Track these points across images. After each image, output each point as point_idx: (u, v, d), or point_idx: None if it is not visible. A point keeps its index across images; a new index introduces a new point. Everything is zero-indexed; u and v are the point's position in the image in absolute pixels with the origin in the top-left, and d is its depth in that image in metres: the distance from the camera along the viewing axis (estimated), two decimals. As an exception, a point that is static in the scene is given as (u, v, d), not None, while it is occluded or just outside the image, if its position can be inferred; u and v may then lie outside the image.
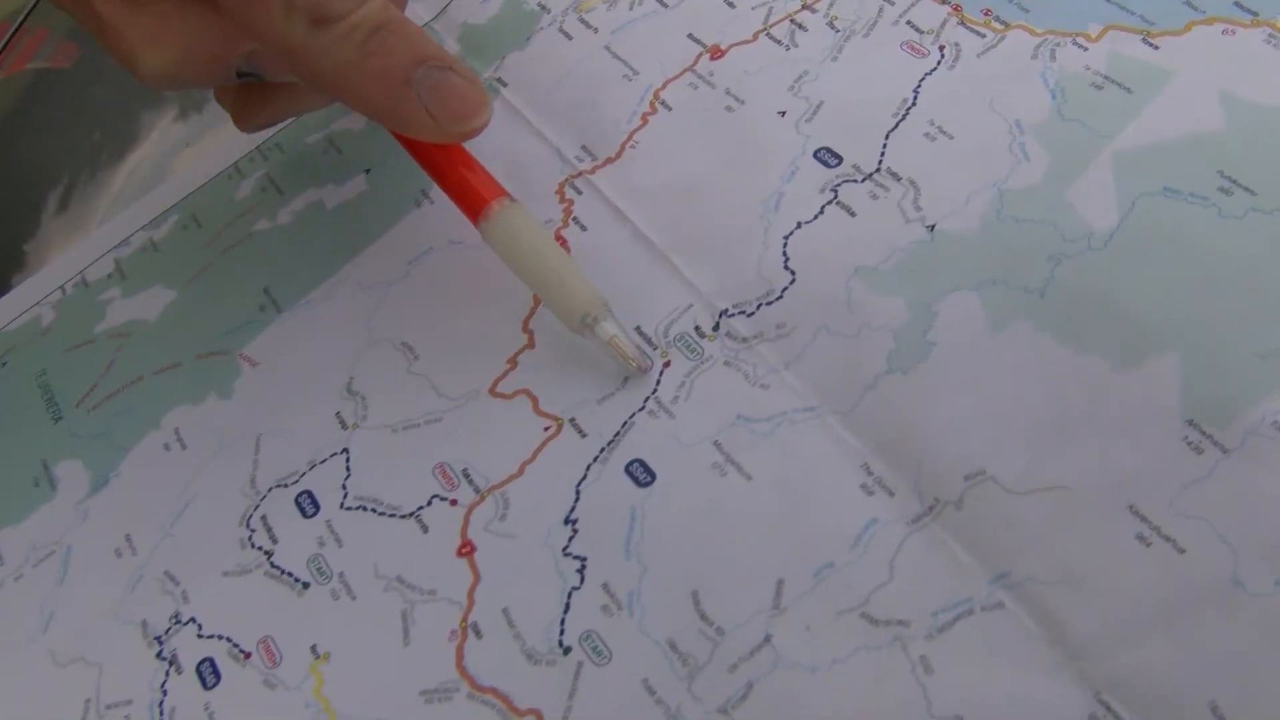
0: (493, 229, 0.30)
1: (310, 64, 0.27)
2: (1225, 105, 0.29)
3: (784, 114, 0.33)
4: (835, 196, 0.31)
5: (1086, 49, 0.31)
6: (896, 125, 0.31)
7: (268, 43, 0.28)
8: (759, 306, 0.30)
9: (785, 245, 0.30)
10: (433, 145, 0.30)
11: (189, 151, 0.41)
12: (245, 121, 0.34)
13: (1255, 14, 0.31)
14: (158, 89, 0.31)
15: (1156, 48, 0.31)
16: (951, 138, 0.31)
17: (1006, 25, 0.33)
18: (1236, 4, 0.31)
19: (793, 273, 0.30)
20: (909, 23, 0.34)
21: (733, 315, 0.30)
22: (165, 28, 0.28)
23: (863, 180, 0.31)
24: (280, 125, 0.38)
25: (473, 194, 0.30)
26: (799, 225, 0.30)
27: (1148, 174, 0.28)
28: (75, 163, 0.42)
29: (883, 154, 0.31)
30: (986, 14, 0.33)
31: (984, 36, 0.33)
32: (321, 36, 0.27)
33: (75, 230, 0.41)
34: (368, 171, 0.36)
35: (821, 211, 0.30)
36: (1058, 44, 0.32)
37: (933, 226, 0.29)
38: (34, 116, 0.44)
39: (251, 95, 0.33)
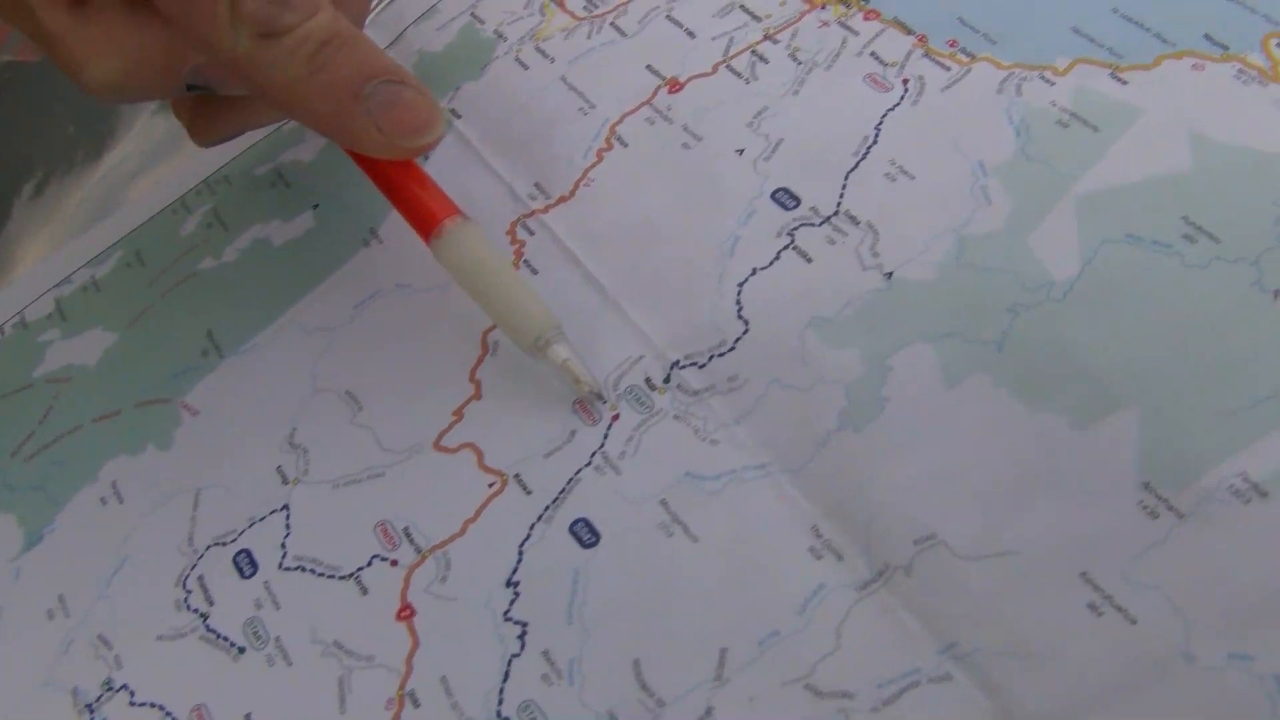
0: (445, 248, 0.30)
1: (257, 77, 0.28)
2: (1192, 145, 0.29)
3: (742, 152, 0.33)
4: (792, 241, 0.31)
5: (1053, 83, 0.32)
6: (857, 165, 0.32)
7: (214, 55, 0.28)
8: (711, 358, 0.30)
9: (739, 293, 0.30)
10: (385, 161, 0.30)
11: (136, 183, 0.41)
12: (201, 135, 0.34)
13: (1225, 48, 0.31)
14: (106, 101, 0.31)
15: (1125, 83, 0.31)
16: (913, 178, 0.31)
17: (972, 57, 0.33)
18: (1207, 37, 0.31)
19: (746, 322, 0.30)
20: (873, 54, 0.34)
21: (684, 367, 0.30)
22: (112, 39, 0.29)
23: (820, 223, 0.31)
24: (230, 155, 0.38)
25: (425, 211, 0.30)
26: (754, 272, 0.31)
27: (1111, 219, 0.28)
28: (49, 157, 0.42)
29: (842, 195, 0.31)
30: (952, 45, 0.33)
31: (949, 69, 0.33)
32: (268, 49, 0.27)
33: (49, 224, 0.41)
34: (315, 207, 0.37)
35: (777, 257, 0.31)
36: (1024, 78, 0.32)
37: (890, 274, 0.29)
38: (2, 109, 0.45)
39: (206, 108, 0.34)
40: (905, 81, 0.33)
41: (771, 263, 0.31)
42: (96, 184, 0.42)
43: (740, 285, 0.31)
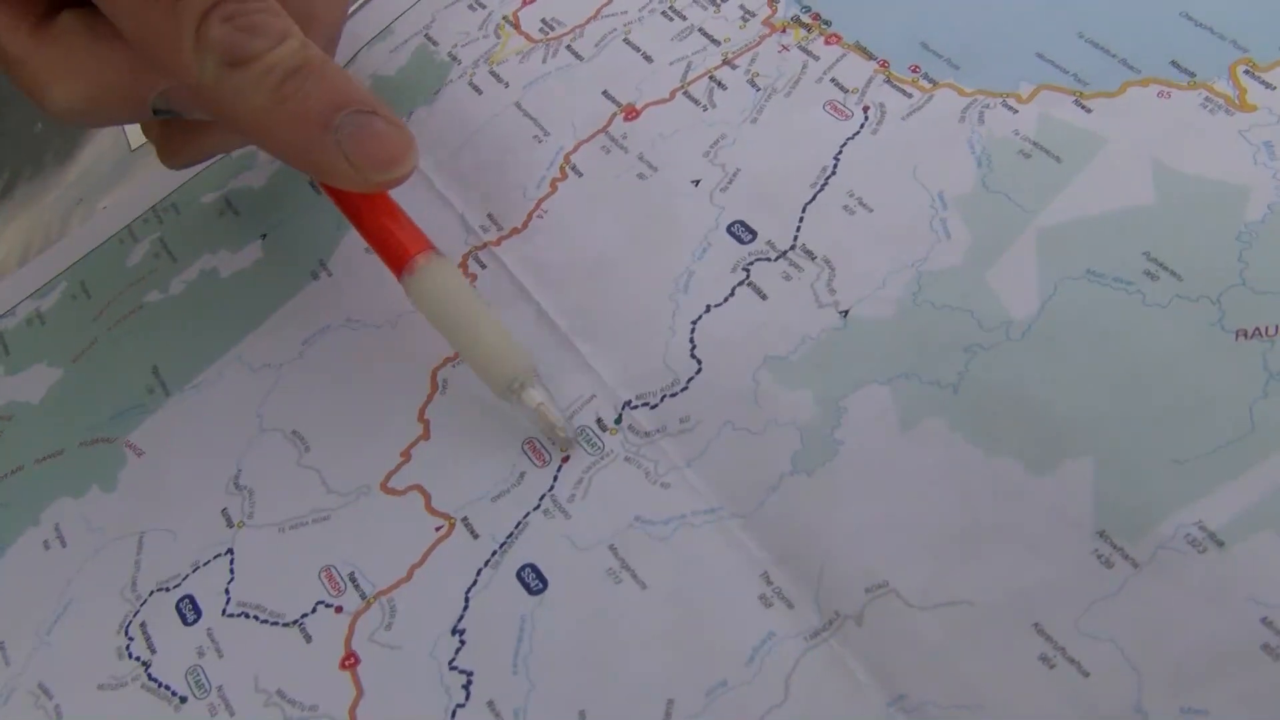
0: (417, 284, 0.30)
1: (223, 107, 0.28)
2: (1156, 177, 0.30)
3: (698, 183, 0.33)
4: (747, 277, 0.31)
5: (1016, 111, 0.32)
6: (814, 197, 0.32)
7: (179, 82, 0.28)
8: (663, 398, 0.30)
9: (693, 331, 0.31)
10: (355, 193, 0.30)
11: (81, 209, 0.42)
12: (170, 158, 0.34)
13: (1193, 75, 0.31)
14: (70, 124, 0.31)
15: (1089, 111, 0.31)
16: (871, 211, 0.31)
17: (934, 84, 0.33)
18: (1174, 63, 0.32)
19: (699, 361, 0.30)
20: (834, 80, 0.34)
21: (636, 407, 0.30)
22: (75, 62, 0.29)
23: (776, 258, 0.31)
24: (179, 181, 0.39)
25: (396, 246, 0.31)
26: (708, 309, 0.31)
27: (1072, 255, 0.29)
28: (17, 156, 0.42)
29: (799, 229, 0.32)
30: (915, 70, 0.34)
31: (910, 96, 0.33)
32: (234, 78, 0.27)
33: (16, 220, 0.40)
34: (264, 236, 0.37)
35: (732, 293, 0.31)
36: (987, 105, 0.32)
37: (846, 312, 0.30)
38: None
39: (175, 131, 0.34)
40: (866, 109, 0.33)
41: (726, 299, 0.31)
42: (54, 202, 0.42)
43: (694, 323, 0.31)
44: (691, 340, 0.31)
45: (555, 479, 0.30)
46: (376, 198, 0.31)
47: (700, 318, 0.31)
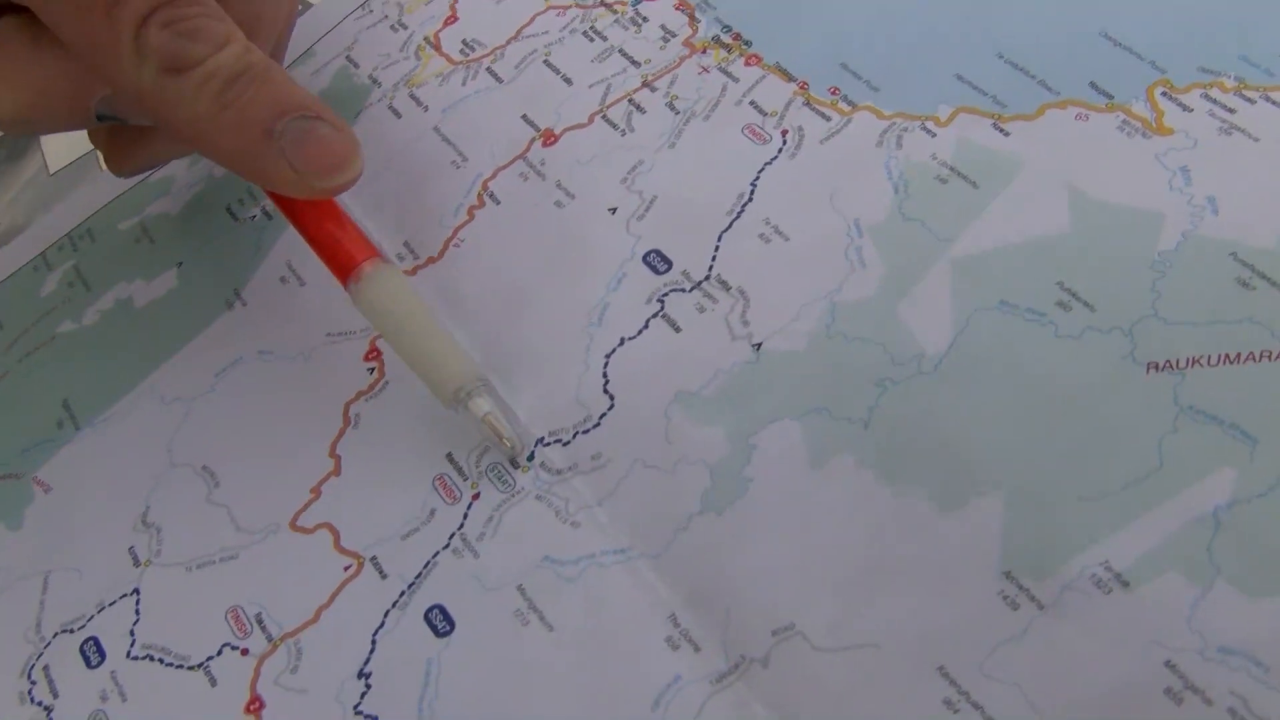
0: (363, 292, 0.30)
1: (164, 114, 0.28)
2: (1072, 203, 0.29)
3: (615, 211, 0.33)
4: (662, 308, 0.31)
5: (935, 134, 0.32)
6: (730, 225, 0.32)
7: (119, 89, 0.28)
8: (576, 435, 0.30)
9: (606, 365, 0.30)
10: (301, 200, 0.30)
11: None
12: (117, 165, 0.34)
13: (1111, 96, 0.31)
14: (12, 133, 0.31)
15: (1007, 134, 0.31)
16: (787, 239, 0.31)
17: (854, 106, 0.33)
18: (1092, 85, 0.31)
19: (612, 397, 0.30)
20: (753, 103, 0.34)
21: (549, 444, 0.30)
22: (15, 70, 0.29)
23: (691, 289, 0.31)
24: (95, 207, 0.39)
25: (343, 253, 0.30)
26: (622, 342, 0.31)
27: (986, 285, 0.29)
28: None
29: (714, 258, 0.31)
30: (834, 92, 0.33)
31: (829, 119, 0.33)
32: (174, 84, 0.27)
33: None
34: (179, 265, 0.37)
35: (646, 326, 0.31)
36: (905, 129, 0.32)
37: (759, 345, 0.30)
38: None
39: (121, 137, 0.33)
40: (784, 133, 0.33)
41: (640, 332, 0.31)
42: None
43: (608, 356, 0.31)
44: (605, 375, 0.30)
45: (466, 516, 0.30)
46: (323, 204, 0.30)
47: (614, 351, 0.31)
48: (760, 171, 0.33)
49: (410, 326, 0.30)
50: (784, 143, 0.33)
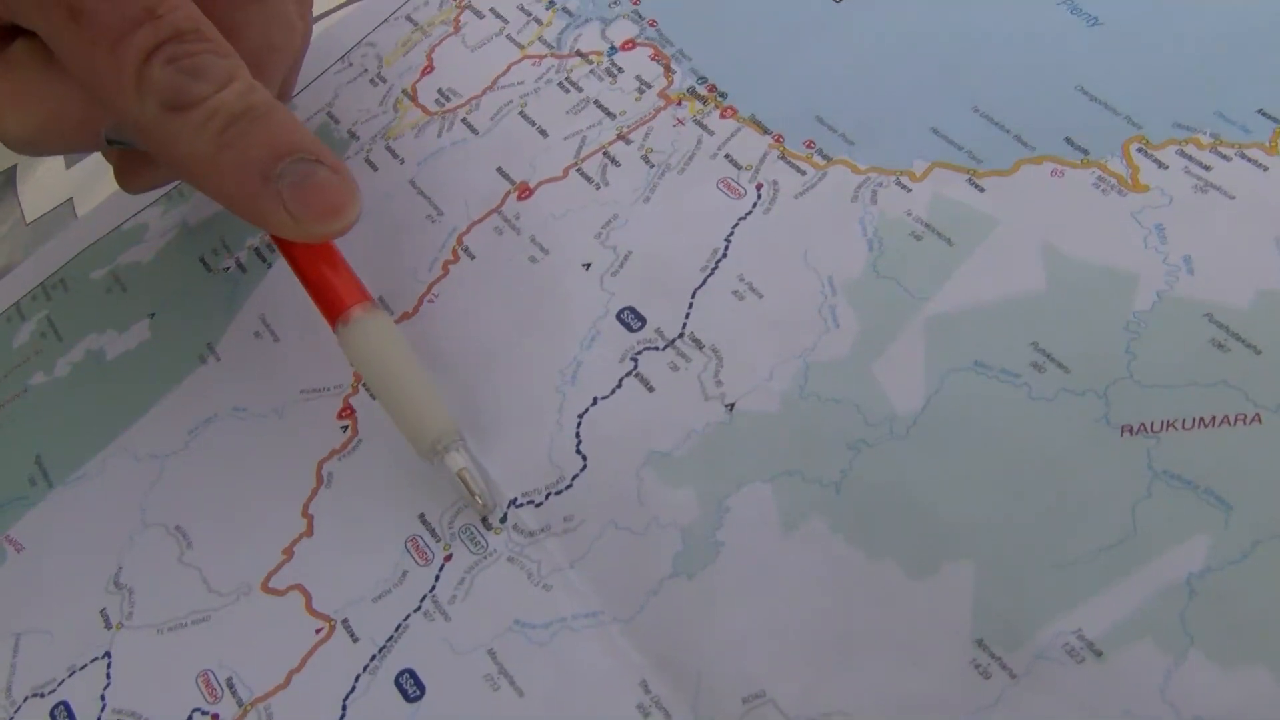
0: (349, 335, 0.30)
1: (164, 150, 0.28)
2: (1047, 262, 0.29)
3: (589, 266, 0.33)
4: (635, 367, 0.31)
5: (910, 190, 0.32)
6: (704, 281, 0.32)
7: (123, 121, 0.28)
8: (548, 496, 0.30)
9: (579, 425, 0.30)
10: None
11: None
12: (127, 184, 0.34)
13: (1086, 152, 0.31)
14: (24, 154, 0.31)
15: (982, 190, 0.31)
16: (761, 297, 0.31)
17: (829, 160, 0.33)
18: (1068, 140, 0.31)
19: (584, 458, 0.30)
20: (727, 156, 0.34)
21: (521, 505, 0.30)
22: (28, 93, 0.29)
23: (664, 347, 0.31)
24: (68, 256, 0.39)
25: (333, 295, 0.31)
26: (595, 401, 0.31)
27: (960, 345, 0.29)
28: None
29: (688, 316, 0.31)
30: (809, 146, 0.33)
31: (804, 174, 0.33)
32: (175, 121, 0.27)
33: None
34: (152, 316, 0.37)
35: (620, 385, 0.31)
36: (880, 184, 0.32)
37: (732, 405, 0.29)
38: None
39: (132, 157, 0.34)
40: (759, 187, 0.33)
41: (613, 391, 0.31)
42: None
43: (581, 416, 0.31)
44: (578, 435, 0.30)
45: (437, 579, 0.29)
46: (318, 245, 0.30)
47: (587, 411, 0.31)
48: (735, 227, 0.33)
49: (392, 374, 0.30)
50: (759, 197, 0.33)
